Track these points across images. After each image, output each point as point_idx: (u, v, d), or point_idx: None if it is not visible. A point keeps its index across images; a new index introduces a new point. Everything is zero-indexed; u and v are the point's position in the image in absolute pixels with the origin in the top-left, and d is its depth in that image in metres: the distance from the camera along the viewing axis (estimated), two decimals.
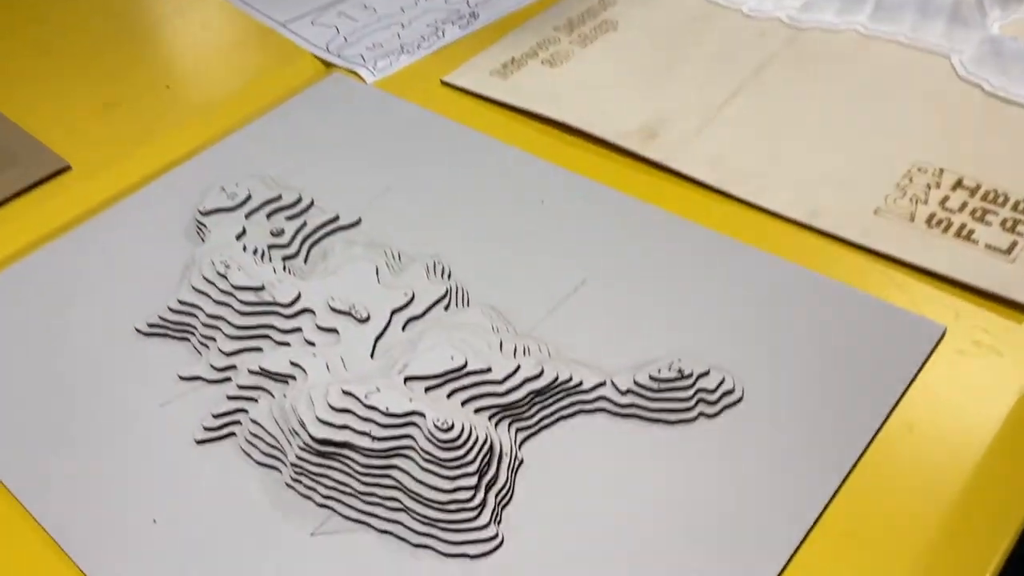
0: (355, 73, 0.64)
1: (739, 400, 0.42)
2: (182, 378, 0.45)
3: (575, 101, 0.58)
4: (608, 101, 0.58)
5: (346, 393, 0.40)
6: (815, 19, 0.63)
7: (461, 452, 0.38)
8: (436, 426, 0.38)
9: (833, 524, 0.38)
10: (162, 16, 0.72)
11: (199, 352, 0.46)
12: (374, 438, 0.39)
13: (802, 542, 0.37)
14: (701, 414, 0.41)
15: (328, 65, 0.66)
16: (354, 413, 0.39)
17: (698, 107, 0.57)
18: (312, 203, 0.54)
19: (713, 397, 0.41)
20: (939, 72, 0.58)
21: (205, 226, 0.52)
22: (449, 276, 0.49)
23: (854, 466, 0.39)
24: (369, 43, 0.66)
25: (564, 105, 0.58)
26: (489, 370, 0.41)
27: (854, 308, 0.45)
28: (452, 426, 0.38)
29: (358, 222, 0.53)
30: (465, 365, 0.41)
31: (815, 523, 0.38)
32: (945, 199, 0.50)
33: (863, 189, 0.51)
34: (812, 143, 0.54)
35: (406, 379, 0.41)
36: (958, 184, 0.51)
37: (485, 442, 0.39)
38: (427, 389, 0.41)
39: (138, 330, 0.48)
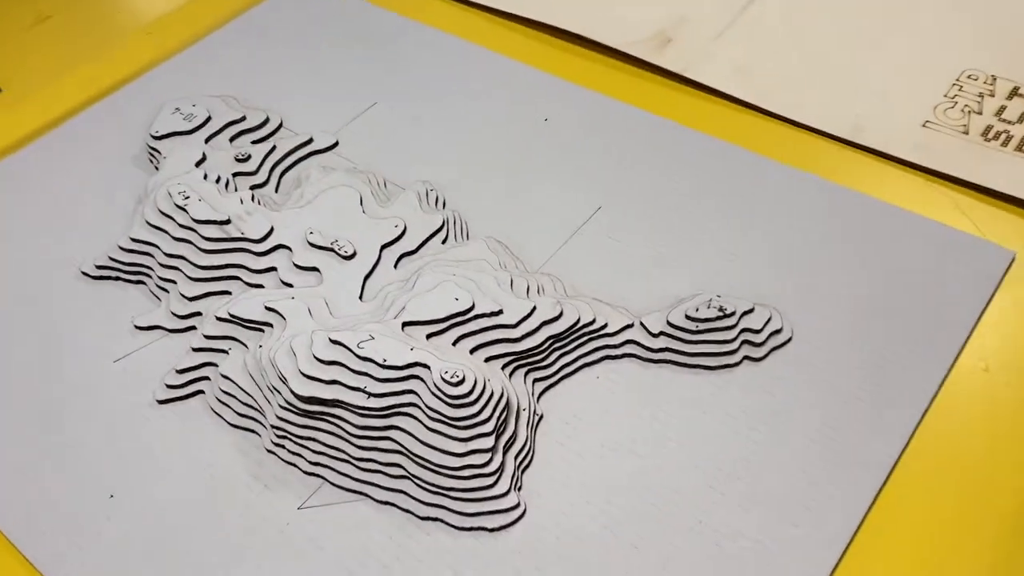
0: None
1: (788, 340, 0.36)
2: (139, 328, 0.39)
3: (576, 5, 0.52)
4: (614, 4, 0.52)
5: (334, 342, 0.34)
6: None
7: (474, 409, 0.32)
8: (444, 379, 0.32)
9: (906, 479, 0.33)
10: None
11: (157, 297, 0.40)
12: (370, 395, 0.33)
13: (873, 503, 0.32)
14: (746, 357, 0.36)
15: None
16: (345, 366, 0.33)
17: (717, 8, 0.51)
18: (281, 124, 0.48)
19: (759, 338, 0.36)
20: None
21: (159, 152, 0.45)
22: (444, 205, 0.43)
23: (924, 413, 0.34)
24: None
25: (564, 9, 0.51)
26: (500, 312, 0.35)
27: (910, 233, 0.40)
28: (463, 379, 0.32)
29: (335, 145, 0.46)
30: (472, 307, 0.35)
31: (887, 479, 0.33)
32: (1001, 109, 0.44)
33: (909, 100, 0.45)
34: (847, 49, 0.48)
35: (404, 324, 0.35)
36: (1014, 92, 0.45)
37: (501, 396, 0.33)
38: (429, 336, 0.35)
39: (85, 273, 0.41)
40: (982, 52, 0.47)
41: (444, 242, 0.40)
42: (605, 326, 0.36)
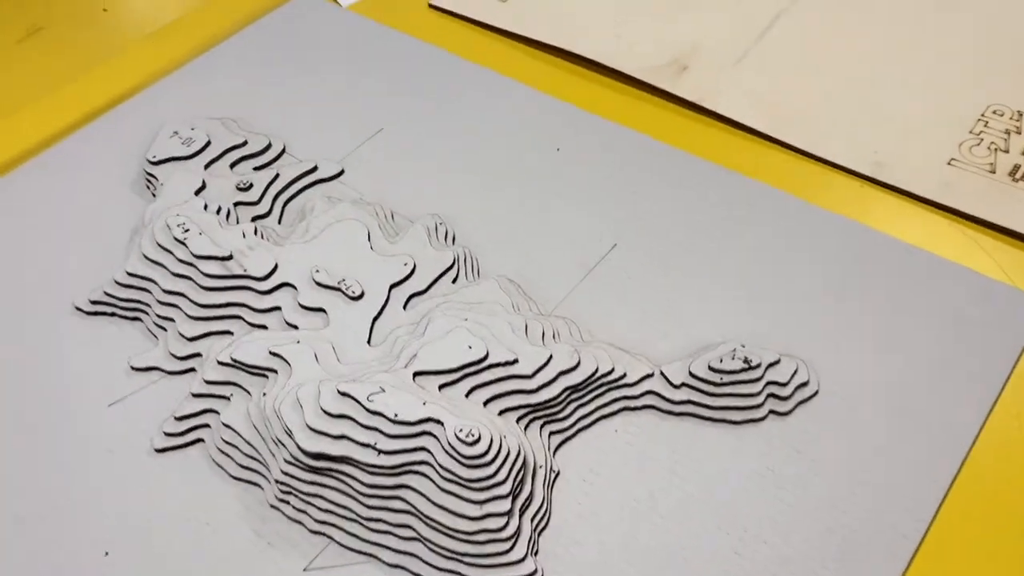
0: None
1: (815, 393, 0.35)
2: (135, 369, 0.37)
3: (590, 29, 0.50)
4: (628, 29, 0.50)
5: (343, 394, 0.32)
6: None
7: (490, 470, 0.31)
8: (458, 437, 0.31)
9: (942, 540, 0.31)
10: None
11: (155, 336, 0.38)
12: (380, 451, 0.31)
13: (908, 565, 0.31)
14: (772, 411, 0.35)
15: None
16: (354, 420, 0.32)
17: (733, 36, 0.49)
18: (284, 150, 0.46)
19: (786, 391, 0.35)
20: None
21: (156, 179, 0.43)
22: (454, 240, 0.41)
23: (959, 471, 0.33)
24: None
25: (577, 34, 0.50)
26: (516, 361, 0.34)
27: (936, 277, 0.38)
28: (478, 437, 0.31)
29: (340, 173, 0.44)
30: (486, 356, 0.34)
31: (922, 540, 0.31)
32: None
33: (933, 136, 0.44)
34: (869, 80, 0.47)
35: (415, 374, 0.33)
36: None
37: (518, 455, 0.31)
38: (441, 386, 0.33)
39: (78, 308, 0.39)
40: (1008, 86, 0.46)
41: (455, 281, 0.39)
42: (624, 376, 0.35)
